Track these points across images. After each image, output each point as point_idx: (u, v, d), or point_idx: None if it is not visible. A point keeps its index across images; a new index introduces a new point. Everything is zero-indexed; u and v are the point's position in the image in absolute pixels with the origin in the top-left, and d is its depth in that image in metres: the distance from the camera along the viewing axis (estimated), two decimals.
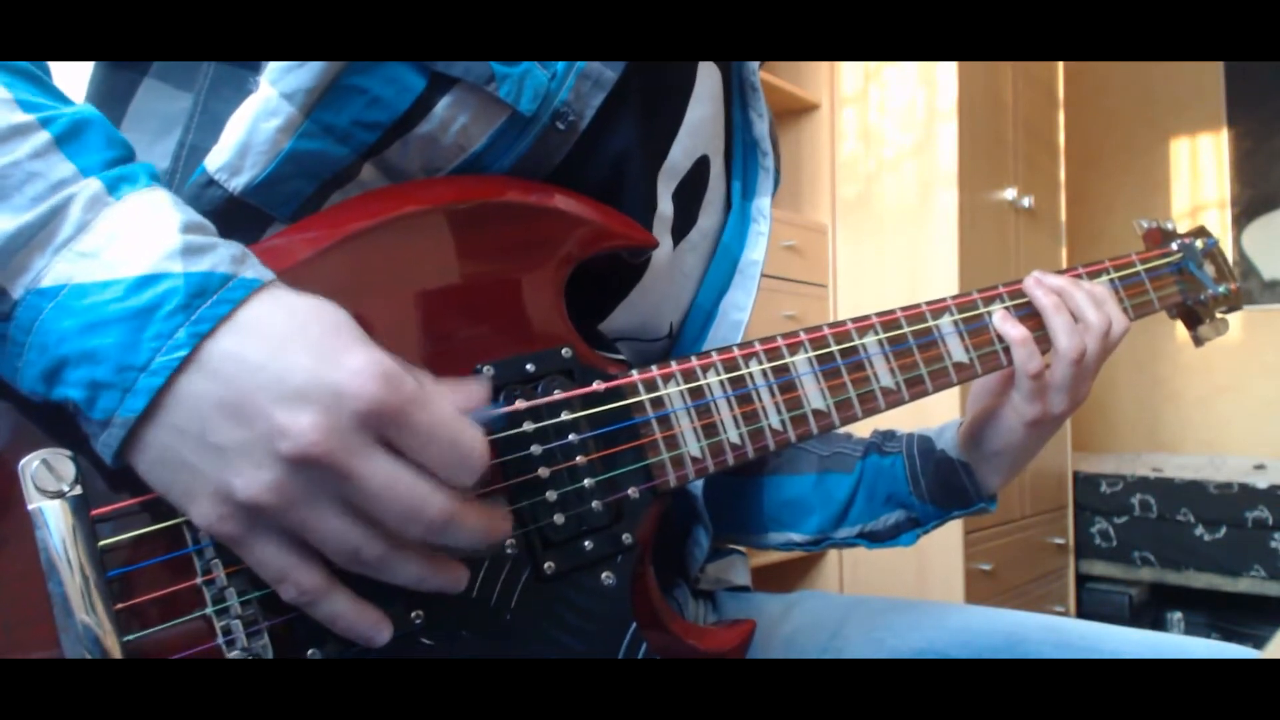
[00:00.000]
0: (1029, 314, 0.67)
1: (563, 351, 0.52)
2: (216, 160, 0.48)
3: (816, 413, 0.57)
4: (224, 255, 0.40)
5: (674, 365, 0.54)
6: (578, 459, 0.50)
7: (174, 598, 0.41)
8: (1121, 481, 2.95)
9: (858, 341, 0.60)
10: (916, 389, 0.62)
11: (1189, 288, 0.81)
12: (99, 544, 0.39)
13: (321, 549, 0.40)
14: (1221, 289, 0.83)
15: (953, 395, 1.95)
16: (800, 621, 0.72)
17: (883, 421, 0.71)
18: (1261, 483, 2.75)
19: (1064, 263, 2.80)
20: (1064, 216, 2.92)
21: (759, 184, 0.72)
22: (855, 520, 0.74)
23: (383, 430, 0.39)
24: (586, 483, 0.50)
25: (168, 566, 0.41)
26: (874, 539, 0.75)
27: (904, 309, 0.63)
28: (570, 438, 0.50)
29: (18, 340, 0.39)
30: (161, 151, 0.52)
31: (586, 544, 0.50)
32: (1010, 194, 2.58)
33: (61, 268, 0.38)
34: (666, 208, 0.63)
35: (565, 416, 0.50)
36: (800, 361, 0.58)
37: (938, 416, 0.77)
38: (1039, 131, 2.79)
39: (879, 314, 0.62)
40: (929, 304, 0.64)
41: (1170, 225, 0.84)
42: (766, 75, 2.34)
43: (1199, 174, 3.60)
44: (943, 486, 0.71)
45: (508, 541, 0.48)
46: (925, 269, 2.35)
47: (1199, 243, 0.83)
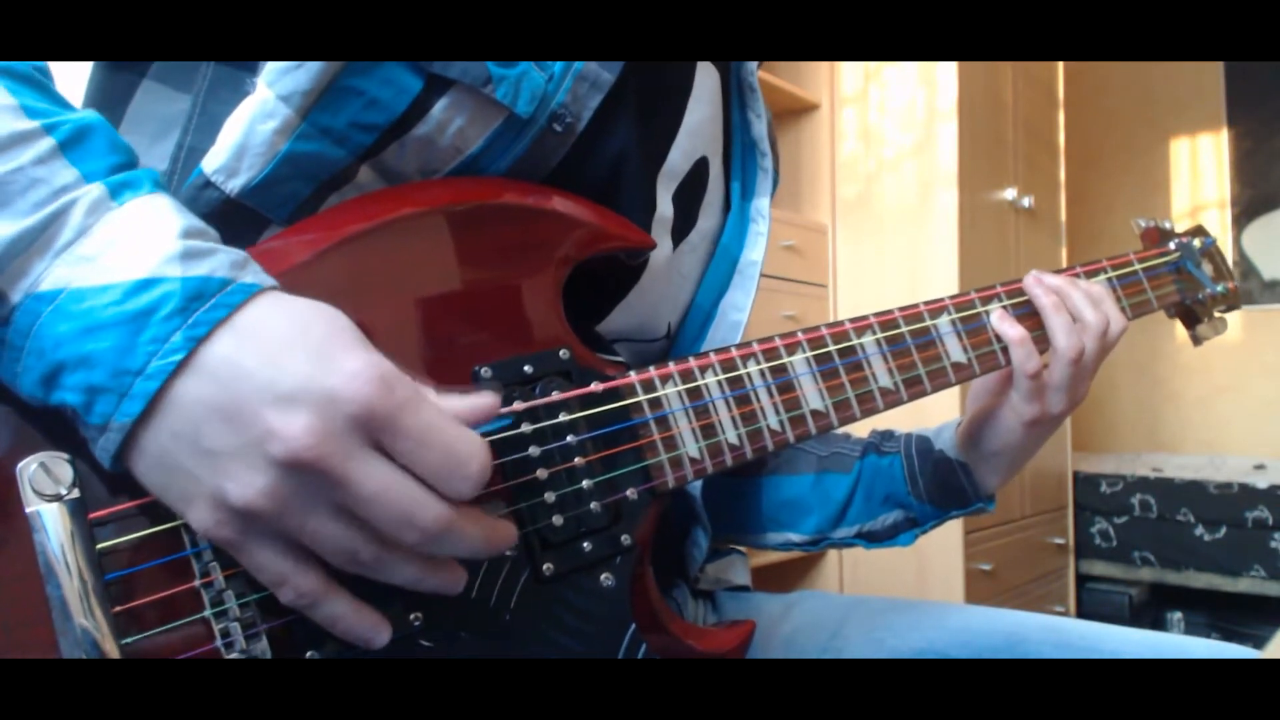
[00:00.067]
0: (1027, 314, 0.67)
1: (560, 353, 0.52)
2: (213, 162, 0.48)
3: (814, 413, 0.57)
4: (223, 260, 0.40)
5: (672, 366, 0.54)
6: (576, 460, 0.50)
7: (172, 600, 0.41)
8: (1121, 481, 2.95)
9: (855, 342, 0.60)
10: (915, 389, 0.62)
11: (1187, 287, 0.81)
12: (97, 547, 0.39)
13: (318, 552, 0.39)
14: (1219, 288, 0.83)
15: (951, 395, 1.95)
16: (800, 621, 0.72)
17: (881, 422, 0.70)
18: (1261, 483, 2.75)
19: (1064, 263, 2.79)
20: (1064, 216, 2.92)
21: (758, 184, 0.72)
22: (853, 520, 0.74)
23: (376, 434, 0.38)
24: (585, 484, 0.50)
25: (166, 569, 0.41)
26: (872, 539, 0.74)
27: (902, 309, 0.63)
28: (568, 439, 0.50)
29: (16, 345, 0.39)
30: (160, 153, 0.52)
31: (585, 545, 0.50)
32: (1010, 194, 2.58)
33: (60, 272, 0.38)
34: (666, 209, 0.63)
35: (563, 418, 0.50)
36: (798, 362, 0.57)
37: (936, 416, 0.77)
38: (1039, 131, 2.79)
39: (877, 314, 0.62)
40: (927, 304, 0.64)
41: (1168, 224, 0.84)
42: (766, 75, 2.34)
43: (1199, 174, 3.60)
44: (941, 486, 0.71)
45: None
46: (925, 269, 2.34)
47: (1197, 242, 0.83)
